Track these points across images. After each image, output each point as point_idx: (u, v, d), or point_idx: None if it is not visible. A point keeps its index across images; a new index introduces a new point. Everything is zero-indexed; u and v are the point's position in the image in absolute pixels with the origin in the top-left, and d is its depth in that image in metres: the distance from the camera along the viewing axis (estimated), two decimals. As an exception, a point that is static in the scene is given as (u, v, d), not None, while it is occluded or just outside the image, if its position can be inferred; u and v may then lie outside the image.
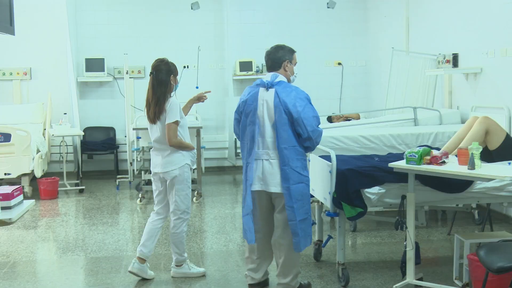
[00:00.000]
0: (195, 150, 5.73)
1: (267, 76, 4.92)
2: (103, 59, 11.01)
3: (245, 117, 4.91)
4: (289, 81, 4.95)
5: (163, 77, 5.44)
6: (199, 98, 5.87)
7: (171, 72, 5.49)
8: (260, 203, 4.96)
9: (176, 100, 5.46)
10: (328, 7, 11.75)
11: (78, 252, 6.52)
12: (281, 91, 4.76)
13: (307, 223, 4.88)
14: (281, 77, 4.88)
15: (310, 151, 5.02)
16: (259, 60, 11.30)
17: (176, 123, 5.37)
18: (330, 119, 10.02)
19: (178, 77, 5.59)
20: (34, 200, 8.93)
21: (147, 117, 5.51)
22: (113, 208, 8.62)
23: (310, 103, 4.81)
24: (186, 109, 5.87)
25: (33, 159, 9.17)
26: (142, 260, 5.62)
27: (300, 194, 4.81)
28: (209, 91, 6.04)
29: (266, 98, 4.80)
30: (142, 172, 9.35)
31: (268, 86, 4.82)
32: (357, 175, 5.17)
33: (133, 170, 9.57)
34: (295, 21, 11.74)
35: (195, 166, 5.73)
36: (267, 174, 4.82)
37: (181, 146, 5.46)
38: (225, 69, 11.51)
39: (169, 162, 5.48)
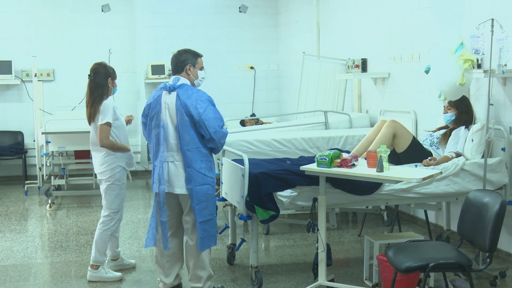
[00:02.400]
0: (132, 152, 5.77)
1: (171, 80, 4.91)
2: (11, 61, 10.60)
3: (150, 120, 4.94)
4: (193, 85, 4.94)
5: (100, 79, 5.56)
6: (128, 121, 6.01)
7: (108, 75, 5.60)
8: (168, 205, 4.95)
9: (110, 102, 5.54)
10: (240, 12, 11.78)
11: (-16, 261, 6.27)
12: (182, 94, 4.77)
13: (210, 224, 4.91)
14: (183, 80, 4.88)
15: (216, 152, 5.04)
16: (171, 64, 11.19)
17: (107, 124, 5.45)
18: (242, 123, 10.02)
19: (116, 81, 5.69)
20: None
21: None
22: (22, 214, 8.33)
23: (213, 104, 4.83)
24: None
25: None
26: (95, 266, 5.61)
27: (203, 195, 4.83)
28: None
29: (168, 101, 4.81)
30: (52, 177, 9.09)
31: (170, 89, 4.83)
32: (269, 179, 5.18)
33: (42, 175, 9.29)
34: (207, 25, 11.71)
35: (132, 168, 5.74)
36: (172, 176, 4.82)
37: (114, 148, 5.54)
38: (136, 72, 11.34)
39: (103, 162, 5.56)
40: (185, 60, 4.92)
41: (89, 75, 5.60)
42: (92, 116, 5.54)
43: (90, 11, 11.17)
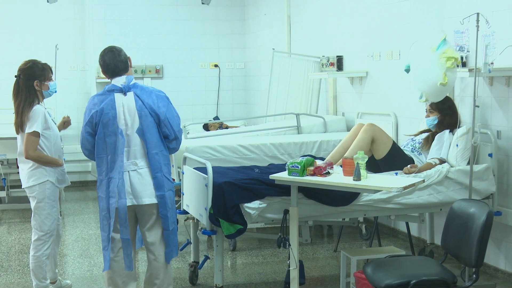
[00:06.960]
0: (64, 167, 5.63)
1: (120, 80, 4.88)
2: None
3: (102, 128, 4.86)
4: None
5: (30, 82, 5.38)
6: (65, 123, 5.99)
7: (38, 77, 5.41)
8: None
9: (41, 108, 5.39)
10: (202, 3, 11.78)
11: None
12: (140, 93, 4.82)
13: (175, 232, 4.99)
14: (134, 80, 4.93)
15: (175, 152, 5.12)
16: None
17: (35, 134, 5.28)
18: (206, 127, 10.04)
19: (51, 83, 5.52)
20: None
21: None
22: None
23: (170, 102, 4.94)
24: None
25: None
26: None
27: (171, 202, 4.93)
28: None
29: (126, 103, 4.82)
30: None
31: (125, 90, 4.83)
32: (235, 189, 5.22)
33: (-20, 186, 9.22)
34: (166, 18, 11.68)
35: (65, 185, 5.63)
36: (137, 185, 4.82)
37: (41, 161, 5.38)
38: (87, 70, 11.28)
39: (31, 176, 5.41)
40: (126, 58, 4.97)
41: (16, 75, 5.44)
42: (20, 125, 5.34)
43: (33, 2, 11.08)
